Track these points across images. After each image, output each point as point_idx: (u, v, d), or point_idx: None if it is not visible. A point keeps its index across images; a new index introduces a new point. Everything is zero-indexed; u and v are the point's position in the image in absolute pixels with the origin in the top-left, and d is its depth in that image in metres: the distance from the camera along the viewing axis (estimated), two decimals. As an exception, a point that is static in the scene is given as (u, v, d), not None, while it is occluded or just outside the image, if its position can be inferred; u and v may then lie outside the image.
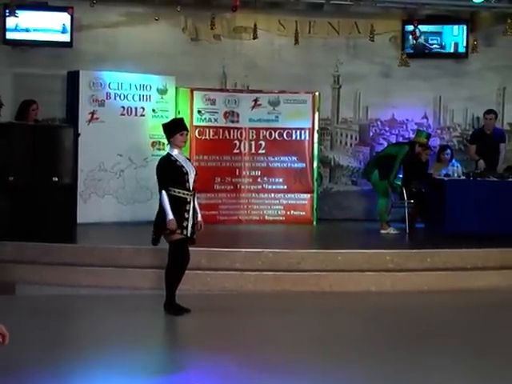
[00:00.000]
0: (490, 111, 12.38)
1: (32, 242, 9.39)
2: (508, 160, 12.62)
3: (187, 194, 7.77)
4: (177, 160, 7.80)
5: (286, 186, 12.56)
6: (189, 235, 7.81)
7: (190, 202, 7.78)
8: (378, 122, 13.30)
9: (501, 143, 12.44)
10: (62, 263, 9.24)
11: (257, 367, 6.23)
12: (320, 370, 6.18)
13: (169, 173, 7.74)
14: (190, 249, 7.98)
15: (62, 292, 8.73)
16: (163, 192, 7.68)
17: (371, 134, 13.36)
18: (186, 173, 7.79)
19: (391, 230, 11.52)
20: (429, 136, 12.01)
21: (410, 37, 12.75)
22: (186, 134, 8.05)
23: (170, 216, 7.62)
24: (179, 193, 7.73)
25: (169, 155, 7.86)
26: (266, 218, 12.48)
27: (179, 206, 7.70)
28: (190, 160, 8.12)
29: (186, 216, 7.75)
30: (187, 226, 7.76)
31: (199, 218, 7.95)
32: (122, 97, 11.97)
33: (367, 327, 7.73)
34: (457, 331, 7.60)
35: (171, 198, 7.68)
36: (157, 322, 7.78)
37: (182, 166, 7.79)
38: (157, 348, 7.04)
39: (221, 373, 6.12)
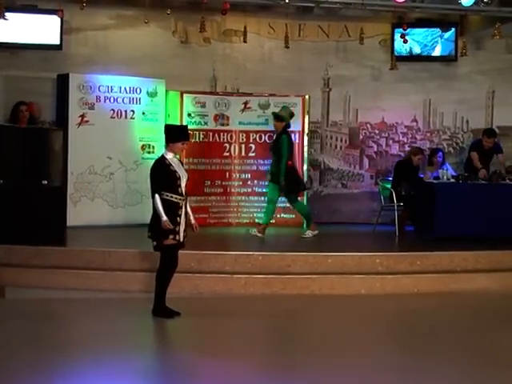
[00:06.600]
0: (489, 135, 12.21)
1: (21, 245, 9.37)
2: (509, 159, 12.64)
3: (179, 199, 7.76)
4: (171, 164, 7.79)
5: (275, 189, 12.54)
6: (181, 240, 7.81)
7: (181, 207, 7.78)
8: (368, 125, 13.31)
9: (498, 154, 12.33)
10: (51, 266, 9.23)
11: (246, 370, 6.23)
12: (309, 373, 6.18)
13: (162, 177, 7.73)
14: (181, 252, 7.98)
15: (52, 295, 8.71)
16: (156, 195, 7.67)
17: (361, 136, 13.38)
18: (179, 178, 7.78)
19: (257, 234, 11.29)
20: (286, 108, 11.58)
21: (400, 40, 12.75)
22: (187, 144, 8.07)
23: (164, 217, 7.61)
24: (171, 197, 7.71)
25: (163, 158, 7.83)
26: (256, 220, 12.46)
27: (171, 210, 7.68)
28: (182, 164, 8.10)
29: (178, 220, 7.74)
30: (179, 230, 7.76)
31: (192, 220, 7.94)
32: (112, 100, 11.97)
33: (357, 330, 7.74)
34: (446, 334, 7.62)
35: (163, 202, 7.66)
36: (147, 326, 7.76)
37: (176, 171, 7.78)
38: (147, 352, 7.03)
39: (211, 376, 6.11)
